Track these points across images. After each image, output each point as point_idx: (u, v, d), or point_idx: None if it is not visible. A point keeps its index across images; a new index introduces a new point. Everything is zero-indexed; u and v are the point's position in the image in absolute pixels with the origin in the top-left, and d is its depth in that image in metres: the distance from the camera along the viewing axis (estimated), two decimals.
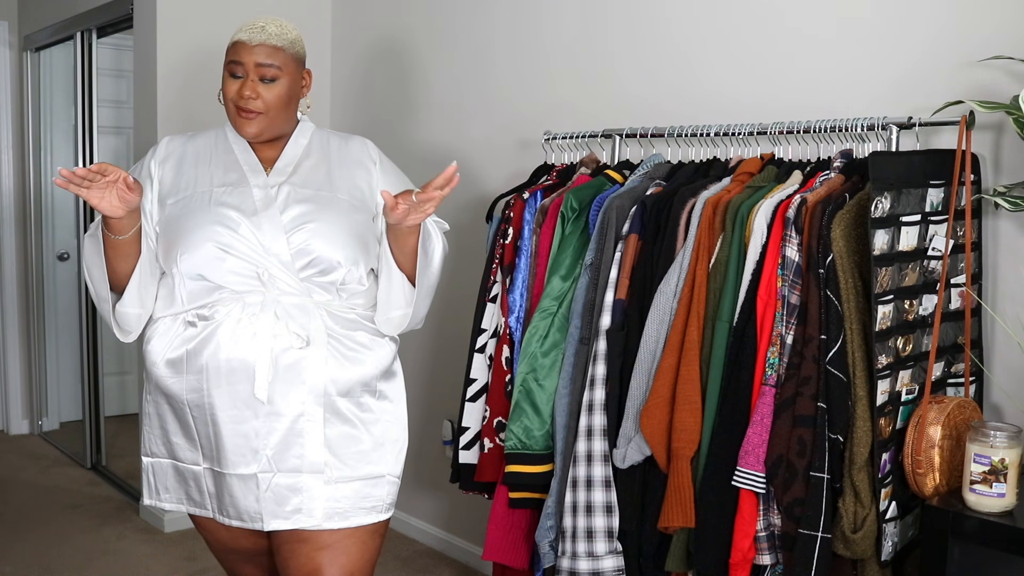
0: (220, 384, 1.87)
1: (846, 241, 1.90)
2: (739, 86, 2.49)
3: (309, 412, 1.90)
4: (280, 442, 1.89)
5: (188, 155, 2.01)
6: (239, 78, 1.93)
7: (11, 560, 3.34)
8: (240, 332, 1.87)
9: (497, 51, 3.17)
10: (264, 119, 1.94)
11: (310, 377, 1.89)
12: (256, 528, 1.93)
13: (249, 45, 1.93)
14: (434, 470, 3.42)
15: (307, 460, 1.90)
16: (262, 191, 1.94)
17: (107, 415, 4.52)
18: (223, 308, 1.89)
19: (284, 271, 1.89)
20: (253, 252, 1.88)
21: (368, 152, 2.09)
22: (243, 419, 1.88)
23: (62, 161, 4.73)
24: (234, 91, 1.93)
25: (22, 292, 4.93)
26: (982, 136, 2.05)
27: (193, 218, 1.90)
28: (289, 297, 1.90)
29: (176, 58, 3.51)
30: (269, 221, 1.90)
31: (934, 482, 1.87)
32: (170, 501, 2.03)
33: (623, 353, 2.18)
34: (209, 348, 1.87)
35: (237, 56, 1.93)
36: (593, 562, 2.16)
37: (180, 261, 1.89)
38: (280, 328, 1.88)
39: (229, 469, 1.90)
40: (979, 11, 2.05)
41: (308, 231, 1.91)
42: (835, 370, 1.87)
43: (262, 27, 1.94)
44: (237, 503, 1.92)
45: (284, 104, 1.97)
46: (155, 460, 2.02)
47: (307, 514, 1.90)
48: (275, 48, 1.94)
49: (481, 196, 3.13)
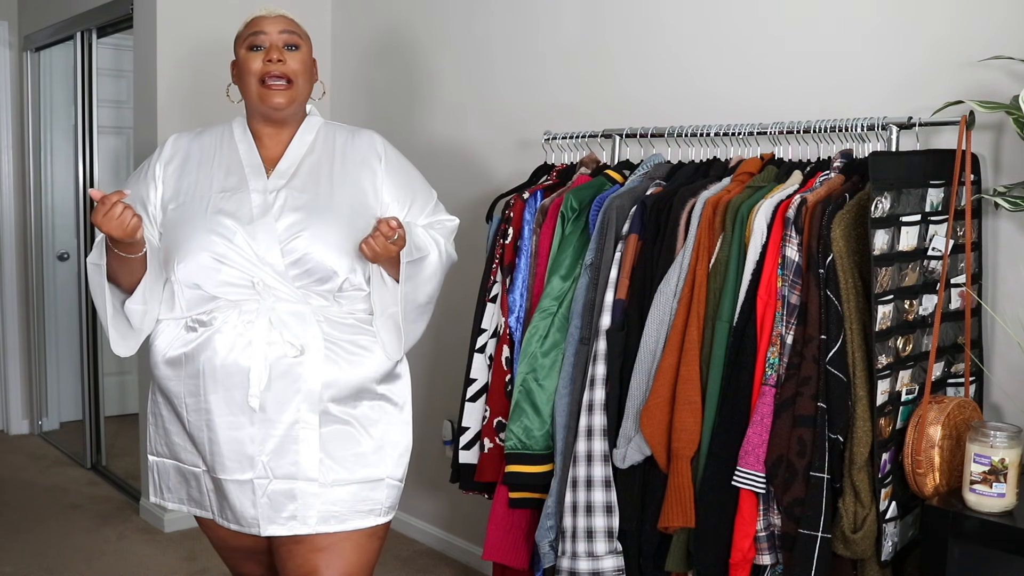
0: (216, 389, 1.87)
1: (846, 241, 1.90)
2: (739, 86, 2.49)
3: (304, 419, 1.89)
4: (276, 449, 1.89)
5: (193, 154, 2.01)
6: (260, 49, 1.95)
7: (11, 560, 3.34)
8: (237, 339, 1.87)
9: (497, 51, 3.17)
10: (292, 89, 1.96)
11: (305, 385, 1.88)
12: (253, 533, 1.93)
13: (269, 17, 1.98)
14: (434, 470, 3.42)
15: (302, 467, 1.90)
16: (260, 196, 1.92)
17: (107, 415, 4.52)
18: (220, 315, 1.89)
19: (279, 280, 1.88)
20: (247, 262, 1.87)
21: (375, 148, 2.06)
22: (239, 425, 1.88)
23: (62, 161, 4.74)
24: (259, 62, 1.94)
25: (22, 292, 4.93)
26: (982, 136, 2.05)
27: (190, 225, 1.90)
28: (285, 304, 1.89)
29: (176, 58, 3.51)
30: (264, 230, 1.88)
31: (934, 482, 1.87)
32: (172, 501, 2.05)
33: (623, 353, 2.18)
34: (206, 353, 1.88)
35: (259, 27, 1.96)
36: (593, 562, 2.16)
37: (177, 270, 1.89)
38: (275, 336, 1.87)
39: (226, 475, 1.90)
40: (979, 11, 2.05)
41: (304, 240, 1.89)
42: (835, 370, 1.87)
43: (275, 8, 2.01)
44: (235, 508, 1.92)
45: (307, 73, 2.00)
46: (159, 460, 2.04)
47: (301, 521, 1.91)
48: (292, 20, 2.00)
49: (481, 196, 3.13)
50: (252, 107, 1.99)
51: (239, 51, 1.98)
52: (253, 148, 2.00)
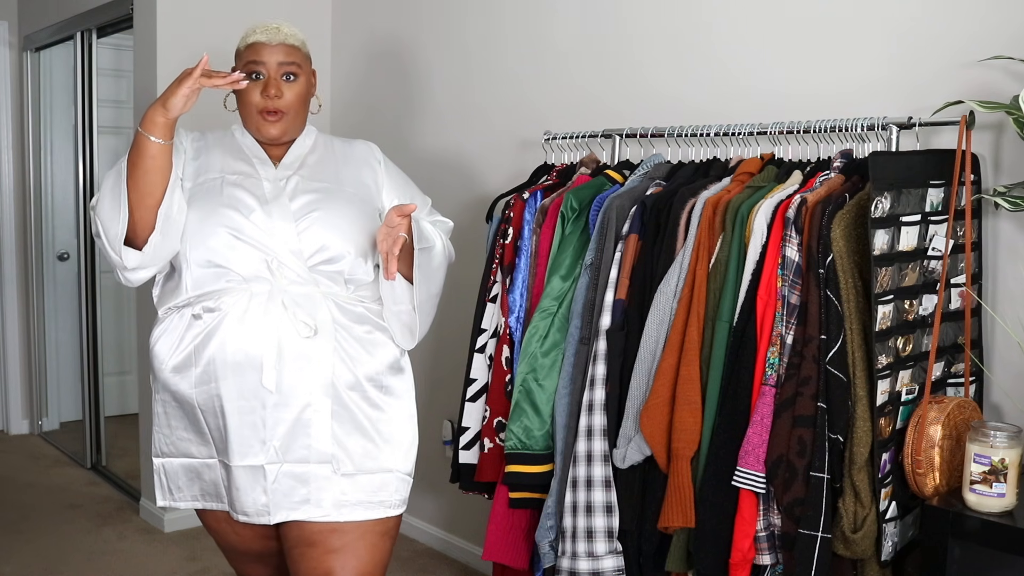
0: (227, 376, 1.87)
1: (846, 241, 1.90)
2: (739, 86, 2.49)
3: (316, 402, 1.90)
4: (287, 432, 1.89)
5: (202, 145, 2.03)
6: (258, 78, 1.95)
7: (11, 560, 3.34)
8: (247, 322, 1.87)
9: (497, 51, 3.17)
10: (287, 119, 1.97)
11: (317, 367, 1.89)
12: (263, 523, 1.92)
13: (269, 45, 1.95)
14: (434, 470, 3.42)
15: (314, 450, 1.90)
16: (271, 183, 1.96)
17: (107, 415, 4.52)
18: (229, 298, 1.88)
19: (293, 259, 1.90)
20: (263, 239, 1.89)
21: (373, 153, 2.14)
22: (251, 410, 1.88)
23: (62, 161, 4.74)
24: (257, 95, 1.95)
25: (22, 292, 4.93)
26: (982, 136, 2.05)
27: (208, 201, 1.91)
28: (296, 287, 1.91)
29: (176, 58, 3.50)
30: (279, 208, 1.91)
31: (934, 482, 1.87)
32: (184, 499, 2.02)
33: (623, 353, 2.18)
34: (215, 341, 1.87)
35: (258, 56, 1.95)
36: (593, 562, 2.16)
37: (191, 245, 1.89)
38: (288, 317, 1.88)
39: (236, 461, 1.89)
40: (979, 11, 2.05)
41: (317, 219, 1.92)
42: (835, 370, 1.87)
43: (277, 28, 1.98)
44: (243, 498, 1.91)
45: (303, 102, 2.01)
46: (165, 460, 2.02)
47: (315, 504, 1.90)
48: (292, 47, 1.98)
49: (481, 196, 3.13)
50: (248, 128, 2.03)
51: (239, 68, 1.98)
52: (257, 145, 2.03)
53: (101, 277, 4.40)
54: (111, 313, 4.71)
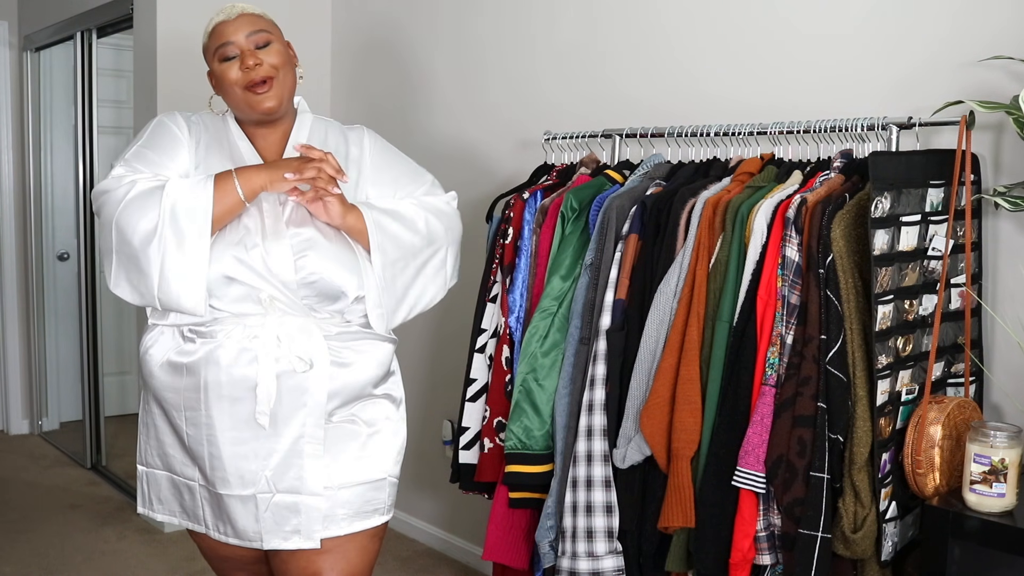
0: (221, 404, 1.83)
1: (846, 241, 1.90)
2: (739, 86, 2.49)
3: (309, 433, 1.86)
4: (280, 463, 1.86)
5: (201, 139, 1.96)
6: (232, 58, 1.88)
7: (11, 560, 3.34)
8: (242, 353, 1.82)
9: (497, 51, 3.17)
10: (277, 84, 1.88)
11: (312, 399, 1.85)
12: (255, 547, 1.90)
13: (230, 21, 1.89)
14: (434, 470, 3.42)
15: (306, 481, 1.86)
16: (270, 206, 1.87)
17: (107, 415, 4.52)
18: (222, 328, 1.83)
19: (286, 294, 1.84)
20: (260, 271, 1.82)
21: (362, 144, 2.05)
22: (243, 440, 1.85)
23: (62, 161, 4.74)
24: (236, 71, 1.87)
25: (22, 292, 4.93)
26: (982, 136, 2.05)
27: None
28: (291, 319, 1.85)
29: (176, 58, 3.51)
30: (278, 245, 1.83)
31: (934, 482, 1.87)
32: (163, 512, 1.99)
33: (623, 353, 2.18)
34: (209, 367, 1.83)
35: (223, 37, 1.88)
36: (593, 562, 2.16)
37: None
38: (283, 351, 1.83)
39: (227, 490, 1.86)
40: (979, 11, 2.05)
41: (313, 257, 1.85)
42: (835, 370, 1.87)
43: (232, 6, 1.92)
44: (235, 523, 1.89)
45: (286, 63, 1.92)
46: (150, 471, 1.99)
47: (306, 536, 1.87)
48: (254, 16, 1.91)
49: (481, 196, 3.13)
50: (242, 114, 1.95)
51: (212, 63, 1.91)
52: (252, 149, 1.96)
53: (101, 277, 4.40)
54: (111, 313, 4.71)
